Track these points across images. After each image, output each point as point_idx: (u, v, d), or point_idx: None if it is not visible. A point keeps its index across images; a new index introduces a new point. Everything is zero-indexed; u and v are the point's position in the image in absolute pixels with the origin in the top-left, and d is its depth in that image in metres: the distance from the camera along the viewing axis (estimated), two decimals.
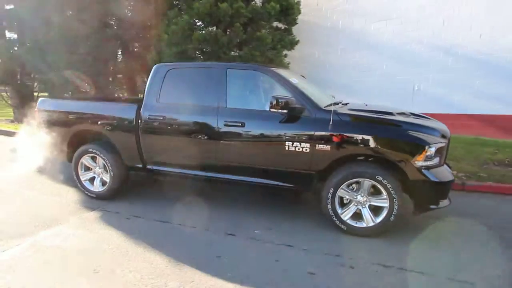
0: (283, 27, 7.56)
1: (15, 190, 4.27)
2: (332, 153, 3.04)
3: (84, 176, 4.09)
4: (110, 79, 8.35)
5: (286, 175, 3.26)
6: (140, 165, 3.84)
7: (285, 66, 7.22)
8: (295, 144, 3.14)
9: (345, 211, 3.15)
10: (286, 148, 3.17)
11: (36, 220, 3.40)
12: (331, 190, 3.11)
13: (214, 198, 4.11)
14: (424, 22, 7.53)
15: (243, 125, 3.30)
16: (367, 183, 3.03)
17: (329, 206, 3.14)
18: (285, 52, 7.48)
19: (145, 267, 2.59)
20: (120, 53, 8.27)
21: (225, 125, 3.35)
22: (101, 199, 4.00)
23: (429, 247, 2.93)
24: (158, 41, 7.15)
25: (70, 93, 7.69)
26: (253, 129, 3.29)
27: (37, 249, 2.85)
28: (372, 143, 2.95)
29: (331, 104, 3.24)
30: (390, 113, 3.22)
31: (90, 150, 3.93)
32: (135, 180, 4.58)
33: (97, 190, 4.03)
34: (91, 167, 4.06)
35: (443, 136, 3.06)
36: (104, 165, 3.94)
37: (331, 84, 8.29)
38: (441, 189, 2.99)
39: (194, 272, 2.52)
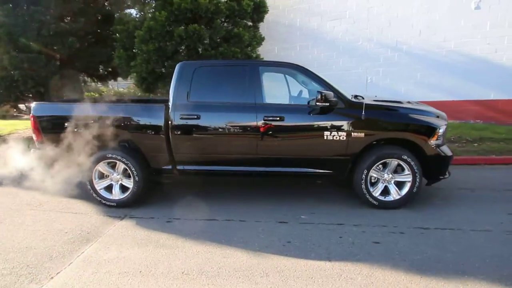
0: (251, 25, 7.78)
1: (27, 210, 3.74)
2: (366, 138, 3.49)
3: (100, 185, 3.78)
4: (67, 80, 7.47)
5: (325, 162, 3.60)
6: (169, 167, 3.74)
7: None
8: (333, 133, 3.49)
9: (375, 189, 3.64)
10: (325, 138, 3.50)
11: (70, 237, 3.10)
12: (365, 172, 3.56)
13: (235, 191, 4.23)
14: (372, 21, 8.56)
15: (282, 119, 3.52)
16: (394, 162, 3.55)
17: (363, 186, 3.59)
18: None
19: (230, 261, 2.66)
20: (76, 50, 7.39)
21: (265, 119, 3.51)
22: (122, 207, 3.77)
23: (445, 209, 3.60)
24: (128, 38, 6.71)
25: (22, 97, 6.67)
26: (292, 122, 3.53)
27: (98, 264, 2.65)
28: (401, 128, 3.50)
29: (357, 97, 3.67)
30: (401, 102, 3.81)
31: (109, 155, 3.66)
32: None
33: (117, 198, 3.78)
34: (107, 174, 3.78)
35: (445, 120, 3.76)
36: (126, 170, 3.72)
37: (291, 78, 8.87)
38: (447, 162, 3.68)
39: (279, 257, 2.70)
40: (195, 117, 3.55)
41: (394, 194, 3.62)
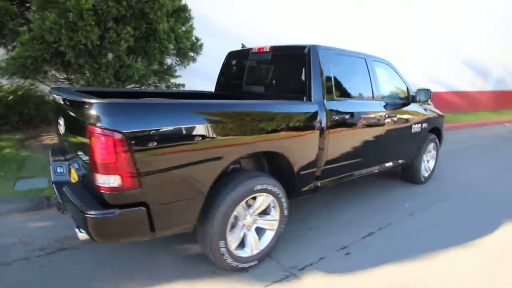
0: None
1: None
2: (428, 129, 4.15)
3: (234, 241, 2.24)
4: None
5: (407, 153, 3.94)
6: (312, 185, 2.77)
7: None
8: (417, 125, 3.89)
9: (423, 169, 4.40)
10: (412, 130, 3.85)
11: None
12: (423, 156, 4.24)
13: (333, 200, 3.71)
14: (268, 18, 9.10)
15: (395, 115, 3.49)
16: (431, 145, 4.42)
17: (421, 168, 4.27)
18: None
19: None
20: None
21: (387, 116, 3.36)
22: (260, 262, 2.43)
23: (457, 171, 4.93)
24: None
25: None
26: (400, 117, 3.58)
27: None
28: (439, 119, 4.41)
29: None
30: None
31: (259, 187, 2.22)
32: None
33: (256, 252, 2.38)
34: (238, 218, 2.28)
35: None
36: (272, 205, 2.41)
37: (180, 70, 7.86)
38: None
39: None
40: (348, 116, 2.84)
41: (428, 170, 4.54)
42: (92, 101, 1.59)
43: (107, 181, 1.63)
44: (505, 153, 6.74)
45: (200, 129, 1.87)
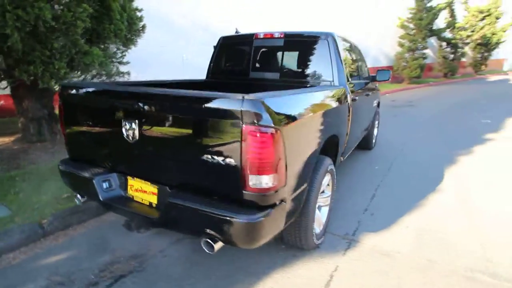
0: None
1: None
2: (377, 102, 4.98)
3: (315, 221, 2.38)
4: None
5: (370, 123, 4.66)
6: (339, 161, 3.10)
7: None
8: (375, 100, 4.64)
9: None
10: (373, 105, 4.57)
11: None
12: (376, 123, 5.10)
13: None
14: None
15: (370, 92, 4.10)
16: (377, 116, 5.35)
17: (375, 133, 5.14)
18: None
19: None
20: None
21: (367, 94, 3.92)
22: (320, 239, 2.65)
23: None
24: None
25: None
26: (371, 93, 4.21)
27: None
28: (379, 93, 5.28)
29: None
30: None
31: (330, 167, 2.42)
32: None
33: (322, 228, 2.61)
34: None
35: None
36: (327, 184, 2.62)
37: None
38: None
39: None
40: (357, 96, 3.22)
41: (374, 138, 5.47)
42: (247, 97, 1.45)
43: (259, 181, 1.54)
44: (402, 117, 8.51)
45: (320, 115, 2.00)
